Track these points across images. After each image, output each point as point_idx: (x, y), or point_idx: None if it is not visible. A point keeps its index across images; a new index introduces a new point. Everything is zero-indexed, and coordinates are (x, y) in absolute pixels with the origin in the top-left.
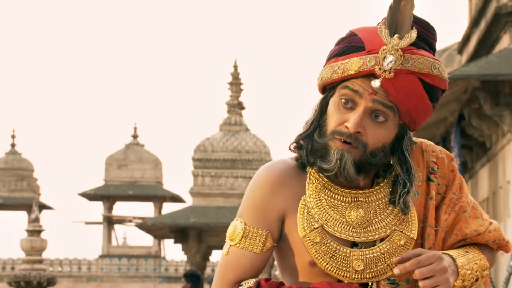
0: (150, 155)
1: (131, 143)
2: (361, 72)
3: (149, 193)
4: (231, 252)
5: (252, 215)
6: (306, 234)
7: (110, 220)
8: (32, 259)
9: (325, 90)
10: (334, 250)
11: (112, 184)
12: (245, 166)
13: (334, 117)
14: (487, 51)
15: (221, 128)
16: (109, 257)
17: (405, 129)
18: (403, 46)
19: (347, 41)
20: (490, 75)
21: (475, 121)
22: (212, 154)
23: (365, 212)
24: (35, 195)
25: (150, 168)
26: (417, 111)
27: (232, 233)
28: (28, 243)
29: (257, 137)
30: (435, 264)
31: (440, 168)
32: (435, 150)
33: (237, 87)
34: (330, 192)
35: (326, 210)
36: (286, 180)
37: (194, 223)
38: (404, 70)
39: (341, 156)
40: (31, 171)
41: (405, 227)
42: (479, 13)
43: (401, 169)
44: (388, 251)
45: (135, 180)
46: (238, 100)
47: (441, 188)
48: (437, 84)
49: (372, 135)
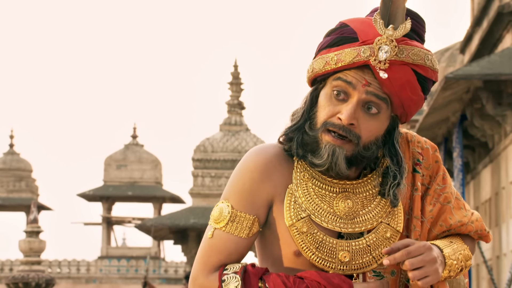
0: (149, 155)
1: (131, 143)
2: (355, 63)
3: (148, 194)
4: (216, 235)
5: (239, 198)
6: (293, 223)
7: (109, 221)
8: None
9: (315, 82)
10: (321, 240)
11: (111, 185)
12: None
13: (326, 109)
14: (490, 51)
15: (221, 128)
16: (108, 258)
17: (396, 121)
18: (398, 36)
19: (338, 32)
20: (492, 74)
21: (477, 121)
22: (212, 154)
23: (353, 204)
24: (33, 195)
25: (149, 168)
26: (410, 103)
27: (218, 216)
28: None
29: (258, 137)
30: (425, 255)
31: (425, 159)
32: (420, 141)
33: (237, 87)
34: (318, 182)
35: (314, 200)
36: (276, 165)
37: (194, 224)
38: (399, 61)
39: (333, 151)
40: (30, 171)
41: (391, 220)
42: (482, 12)
43: (391, 161)
44: (374, 243)
45: (134, 180)
46: (238, 100)
47: (425, 179)
48: (429, 76)
49: (365, 128)
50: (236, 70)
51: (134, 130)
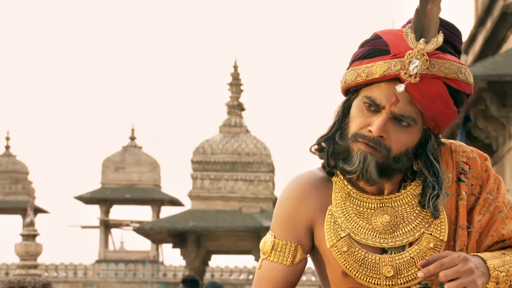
0: (148, 157)
1: (129, 145)
2: (385, 76)
3: (147, 197)
4: (263, 265)
5: (280, 227)
6: (333, 244)
7: (107, 224)
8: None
9: (348, 92)
10: (363, 258)
11: (109, 187)
12: (245, 169)
13: (357, 120)
14: (494, 51)
15: (221, 129)
16: (106, 262)
17: (429, 133)
18: (429, 50)
19: (371, 43)
20: (496, 75)
21: (481, 123)
22: (211, 156)
23: (391, 217)
24: (30, 198)
25: (148, 170)
26: (442, 116)
27: (263, 246)
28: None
29: (258, 139)
30: (460, 266)
31: (473, 168)
32: (465, 151)
33: (237, 88)
34: (356, 200)
35: (352, 218)
36: (312, 190)
37: (193, 227)
38: (430, 75)
39: (364, 158)
40: (26, 173)
41: (434, 229)
42: (486, 12)
43: (428, 173)
44: (418, 254)
45: (132, 183)
46: (238, 101)
47: (474, 189)
48: (462, 89)
49: (395, 140)
50: (236, 70)
51: (132, 131)
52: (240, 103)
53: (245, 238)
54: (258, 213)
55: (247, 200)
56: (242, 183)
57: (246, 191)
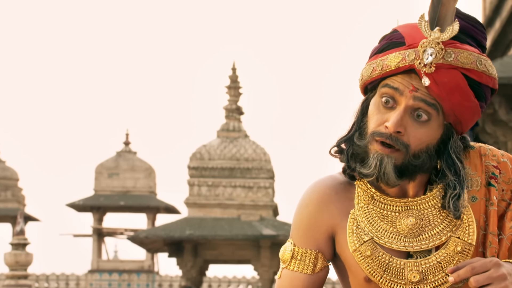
0: (143, 163)
1: (123, 151)
2: (400, 67)
3: (141, 204)
4: (283, 274)
5: (300, 235)
6: (356, 248)
7: (100, 232)
8: (17, 274)
9: (366, 91)
10: (387, 262)
11: (102, 194)
12: (244, 175)
13: (374, 118)
14: (502, 53)
15: (219, 134)
16: (99, 272)
17: (451, 130)
18: (445, 39)
19: (388, 37)
20: (505, 78)
21: (489, 127)
22: (209, 162)
23: (416, 220)
24: (20, 206)
25: (143, 177)
26: (462, 109)
27: (282, 254)
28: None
29: (257, 144)
30: (492, 271)
31: (503, 173)
32: (495, 154)
33: (235, 91)
34: (379, 203)
35: (376, 222)
36: (332, 196)
37: (189, 235)
38: (446, 65)
39: (380, 160)
40: (16, 180)
41: (461, 233)
42: (494, 12)
43: (449, 172)
44: (445, 259)
45: (127, 190)
46: (237, 105)
47: (506, 194)
48: (484, 81)
49: (414, 135)
50: (235, 73)
51: (126, 136)
52: (239, 106)
53: (244, 247)
54: (257, 221)
55: (246, 208)
56: (240, 190)
57: (245, 198)
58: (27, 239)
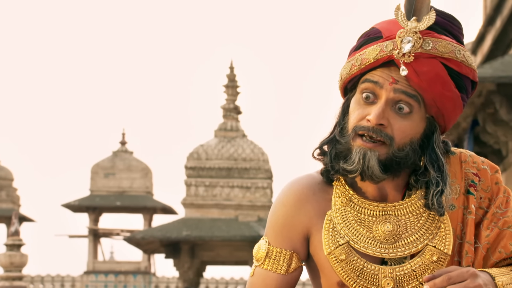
0: (139, 163)
1: (119, 150)
2: (379, 60)
3: (138, 204)
4: (256, 273)
5: (275, 234)
6: (331, 251)
7: (96, 233)
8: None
9: (346, 92)
10: (362, 267)
11: (98, 195)
12: (242, 175)
13: (355, 113)
14: (503, 52)
15: (216, 134)
16: (94, 273)
17: (433, 124)
18: (422, 28)
19: (365, 34)
20: (506, 77)
21: (490, 127)
22: (206, 162)
23: (393, 226)
24: (14, 206)
25: (139, 177)
26: (443, 100)
27: (256, 252)
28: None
29: (255, 144)
30: (469, 281)
31: (482, 181)
32: (476, 161)
33: (233, 90)
34: (357, 206)
35: (352, 225)
36: (310, 196)
37: (186, 236)
38: (425, 54)
39: (364, 155)
40: (11, 180)
41: (438, 242)
42: (495, 10)
43: (432, 168)
44: (420, 267)
45: (123, 190)
46: (235, 104)
47: (483, 202)
48: (463, 72)
49: (397, 128)
50: (232, 72)
51: (123, 136)
52: (237, 106)
53: (241, 248)
54: (255, 221)
55: (243, 208)
56: (238, 190)
57: (242, 198)
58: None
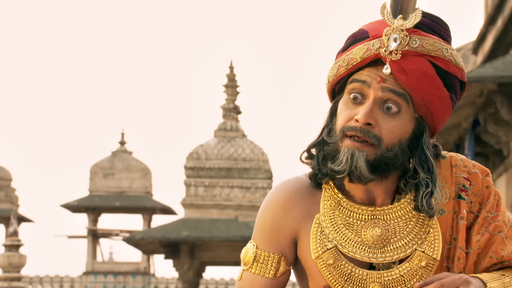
0: (138, 163)
1: (118, 150)
2: (366, 59)
3: (137, 205)
4: (244, 277)
5: (263, 237)
6: (319, 255)
7: (95, 233)
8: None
9: (334, 95)
10: (350, 272)
11: (97, 195)
12: (242, 175)
13: (343, 114)
14: (505, 51)
15: (216, 134)
16: (93, 274)
17: (423, 124)
18: (408, 26)
19: (352, 36)
20: (507, 77)
21: (491, 127)
22: (206, 162)
23: (382, 231)
24: (13, 206)
25: (138, 177)
26: (432, 98)
27: (244, 256)
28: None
29: (255, 144)
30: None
31: (473, 185)
32: (467, 165)
33: (233, 90)
34: (345, 210)
35: (341, 229)
36: (298, 199)
37: (186, 237)
38: (412, 52)
39: (351, 155)
40: (9, 180)
41: (427, 247)
42: (496, 9)
43: (422, 169)
44: (408, 273)
45: (122, 190)
46: (234, 104)
47: (474, 207)
48: (451, 71)
49: (385, 128)
50: (232, 71)
51: (122, 136)
52: (236, 106)
53: (241, 249)
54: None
55: (243, 209)
56: (238, 190)
57: (242, 199)
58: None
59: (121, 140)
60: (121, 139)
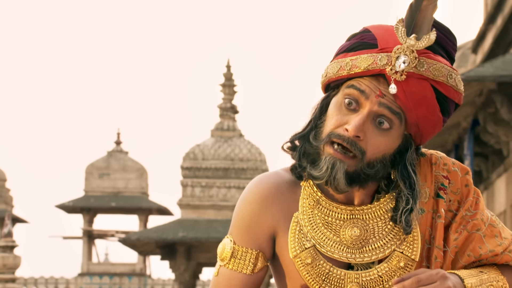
0: (134, 163)
1: (114, 150)
2: (369, 71)
3: (133, 205)
4: (221, 273)
5: (241, 233)
6: (297, 254)
7: (90, 234)
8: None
9: (328, 88)
10: (327, 272)
11: (92, 195)
12: (239, 176)
13: (334, 118)
14: (504, 50)
15: (213, 134)
16: (89, 275)
17: (409, 141)
18: (420, 48)
19: (359, 37)
20: (507, 76)
21: (491, 127)
22: (202, 162)
23: (361, 231)
24: (7, 207)
25: (134, 177)
26: (426, 122)
27: (221, 252)
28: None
29: (252, 144)
30: (438, 284)
31: (452, 183)
32: (446, 163)
33: (230, 89)
34: (324, 209)
35: (319, 228)
36: (278, 195)
37: (182, 237)
38: (417, 75)
39: (332, 164)
40: (4, 180)
41: (405, 248)
42: (496, 8)
43: (404, 185)
44: (387, 273)
45: (118, 190)
46: (231, 103)
47: (452, 205)
48: (451, 96)
49: (372, 143)
50: (229, 71)
51: (118, 135)
52: (233, 105)
53: None
54: None
55: None
56: (235, 190)
57: None
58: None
59: (117, 140)
60: (117, 139)
